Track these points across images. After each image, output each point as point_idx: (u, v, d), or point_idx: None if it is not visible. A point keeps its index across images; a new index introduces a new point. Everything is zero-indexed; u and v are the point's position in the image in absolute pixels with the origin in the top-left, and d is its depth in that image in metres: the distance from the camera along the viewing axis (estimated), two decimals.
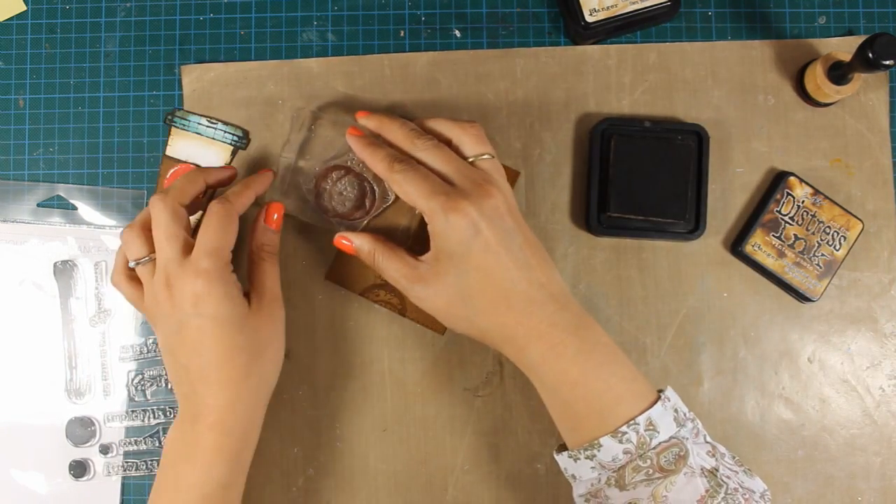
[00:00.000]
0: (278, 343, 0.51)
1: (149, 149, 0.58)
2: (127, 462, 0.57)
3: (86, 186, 0.58)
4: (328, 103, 0.58)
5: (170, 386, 0.57)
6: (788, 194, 0.56)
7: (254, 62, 0.58)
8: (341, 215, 0.55)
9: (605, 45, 0.58)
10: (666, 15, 0.56)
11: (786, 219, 0.56)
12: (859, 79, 0.55)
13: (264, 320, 0.50)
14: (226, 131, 0.57)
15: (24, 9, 0.59)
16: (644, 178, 0.56)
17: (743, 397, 0.57)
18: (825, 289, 0.56)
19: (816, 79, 0.55)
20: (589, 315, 0.48)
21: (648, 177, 0.56)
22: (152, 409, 0.57)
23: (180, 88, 0.58)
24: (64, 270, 0.58)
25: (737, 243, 0.57)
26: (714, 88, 0.58)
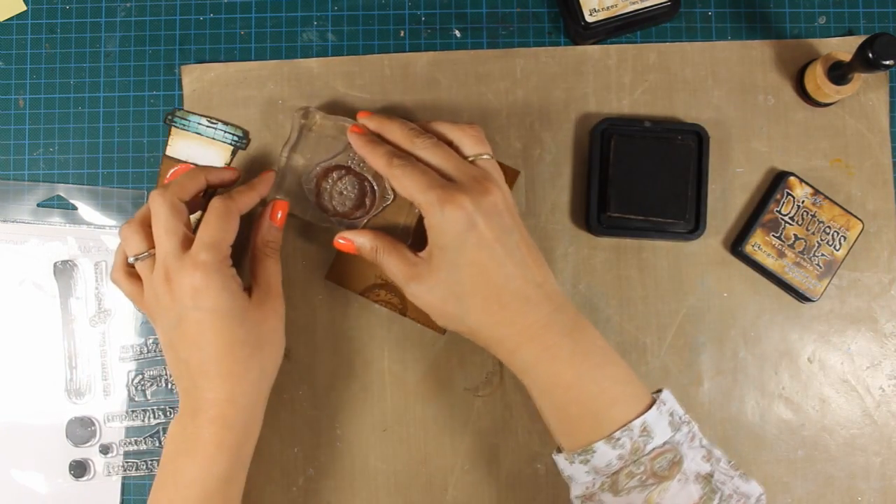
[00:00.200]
0: (279, 337, 0.51)
1: (149, 149, 0.58)
2: (127, 462, 0.57)
3: (86, 186, 0.58)
4: (329, 103, 0.58)
5: (170, 386, 0.57)
6: (788, 194, 0.56)
7: (254, 62, 0.58)
8: (341, 214, 0.55)
9: (605, 45, 0.58)
10: (666, 15, 0.56)
11: (786, 219, 0.56)
12: (859, 79, 0.55)
13: (266, 314, 0.50)
14: (226, 131, 0.57)
15: (24, 9, 0.59)
16: (644, 178, 0.56)
17: (743, 397, 0.57)
18: (825, 289, 0.56)
19: (816, 79, 0.55)
20: (584, 317, 0.48)
21: (648, 177, 0.56)
22: (152, 409, 0.57)
23: (180, 88, 0.58)
24: (64, 270, 0.58)
25: (737, 243, 0.57)
26: (714, 88, 0.58)
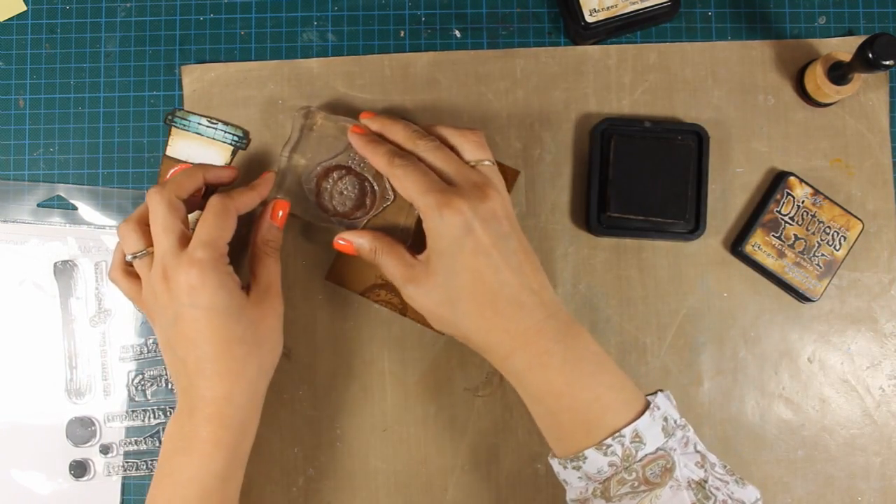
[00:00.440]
0: (277, 336, 0.51)
1: (149, 149, 0.58)
2: (127, 462, 0.57)
3: (86, 186, 0.58)
4: (329, 103, 0.58)
5: (170, 386, 0.57)
6: (788, 194, 0.56)
7: (254, 62, 0.58)
8: (342, 214, 0.55)
9: (605, 45, 0.58)
10: (666, 15, 0.56)
11: (786, 219, 0.56)
12: (859, 79, 0.55)
13: (264, 313, 0.50)
14: (226, 131, 0.57)
15: (24, 9, 0.59)
16: (644, 178, 0.56)
17: (743, 397, 0.57)
18: (825, 289, 0.56)
19: (816, 79, 0.55)
20: (579, 323, 0.48)
21: (648, 177, 0.56)
22: (152, 409, 0.57)
23: (180, 88, 0.58)
24: (64, 270, 0.58)
25: (737, 243, 0.57)
26: (714, 88, 0.58)
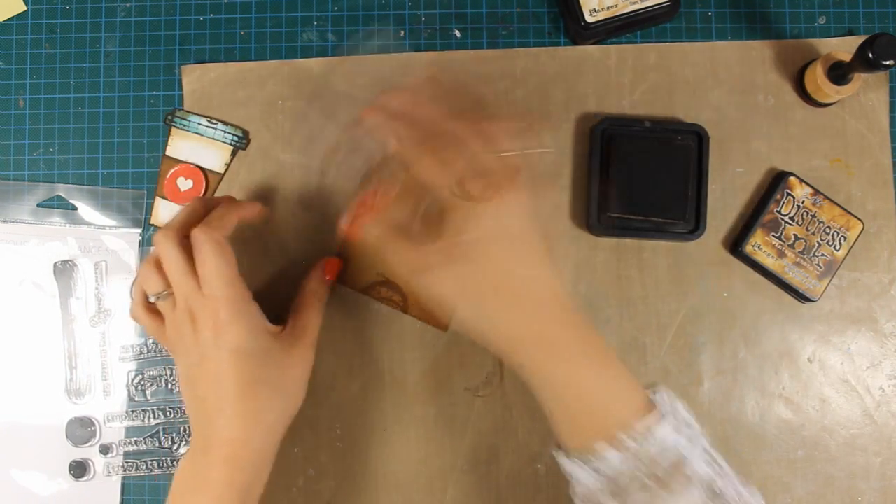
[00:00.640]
0: (301, 385, 0.51)
1: (149, 149, 0.58)
2: (127, 462, 0.57)
3: (86, 186, 0.58)
4: (329, 104, 0.58)
5: (170, 386, 0.57)
6: (788, 194, 0.56)
7: (254, 62, 0.58)
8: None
9: (605, 45, 0.58)
10: (666, 15, 0.56)
11: (786, 219, 0.56)
12: (859, 79, 0.55)
13: (293, 360, 0.50)
14: (226, 131, 0.57)
15: (24, 9, 0.59)
16: (644, 178, 0.56)
17: (743, 397, 0.57)
18: (825, 289, 0.56)
19: (816, 79, 0.55)
20: (588, 319, 0.48)
21: (648, 177, 0.56)
22: (152, 409, 0.57)
23: (180, 88, 0.58)
24: (64, 270, 0.58)
25: (737, 243, 0.57)
26: (714, 88, 0.58)
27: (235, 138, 0.58)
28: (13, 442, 0.57)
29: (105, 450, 0.57)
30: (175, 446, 0.57)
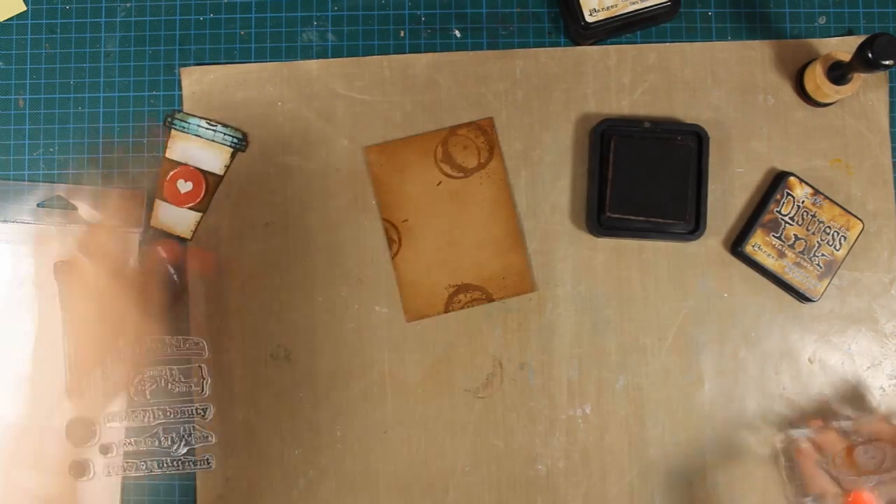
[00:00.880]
0: None
1: (149, 149, 0.58)
2: (127, 462, 0.57)
3: (86, 186, 0.58)
4: (329, 104, 0.58)
5: (170, 386, 0.57)
6: (788, 194, 0.56)
7: (253, 64, 0.58)
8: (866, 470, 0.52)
9: (604, 46, 0.58)
10: (666, 15, 0.56)
11: (786, 219, 0.56)
12: (859, 79, 0.55)
13: None
14: (225, 133, 0.57)
15: (24, 9, 0.59)
16: (644, 178, 0.56)
17: (744, 398, 0.57)
18: (825, 289, 0.56)
19: (816, 79, 0.55)
20: None
21: (648, 177, 0.56)
22: (152, 409, 0.57)
23: (180, 89, 0.58)
24: (64, 270, 0.58)
25: (737, 243, 0.57)
26: (714, 88, 0.58)
27: (235, 140, 0.57)
28: (13, 442, 0.57)
29: (105, 450, 0.57)
30: (175, 446, 0.57)
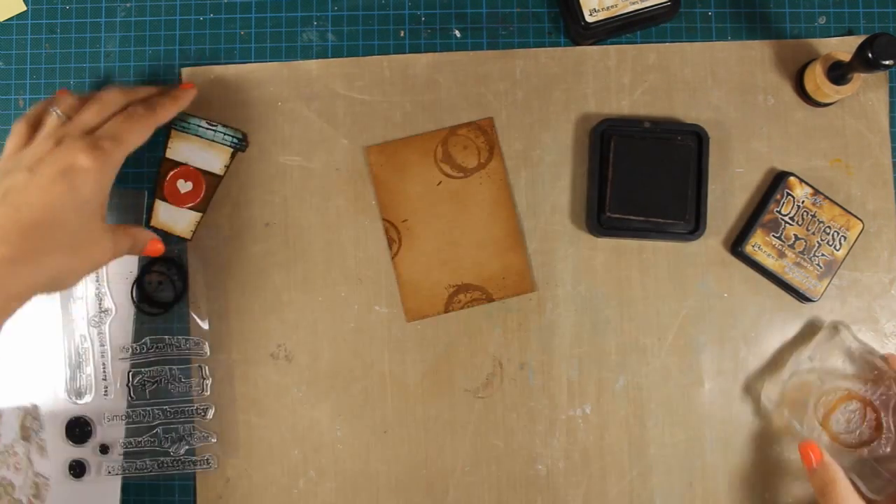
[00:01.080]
0: (78, 274, 0.49)
1: (149, 149, 0.58)
2: (127, 462, 0.57)
3: None
4: (329, 105, 0.58)
5: (170, 386, 0.57)
6: (788, 194, 0.56)
7: (254, 64, 0.58)
8: (841, 442, 0.53)
9: (604, 46, 0.58)
10: (666, 15, 0.56)
11: (786, 219, 0.56)
12: (859, 79, 0.55)
13: (101, 248, 0.49)
14: (225, 133, 0.57)
15: (24, 9, 0.59)
16: (644, 178, 0.56)
17: (743, 398, 0.57)
18: (825, 289, 0.56)
19: (816, 79, 0.55)
20: None
21: (648, 177, 0.56)
22: (152, 409, 0.57)
23: None
24: None
25: (737, 243, 0.57)
26: (714, 88, 0.58)
27: (235, 140, 0.57)
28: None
29: (104, 450, 0.57)
30: (175, 446, 0.57)
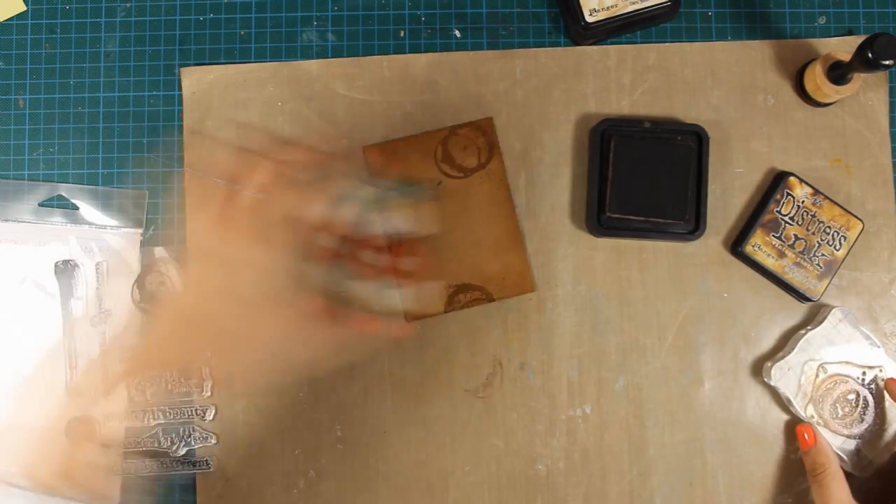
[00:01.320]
0: None
1: (149, 149, 0.58)
2: (127, 462, 0.57)
3: (87, 186, 0.58)
4: (329, 105, 0.58)
5: (170, 386, 0.57)
6: (788, 194, 0.56)
7: (253, 64, 0.58)
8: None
9: (604, 46, 0.58)
10: (666, 15, 0.56)
11: (786, 219, 0.56)
12: (859, 79, 0.55)
13: None
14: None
15: (24, 9, 0.59)
16: (644, 178, 0.56)
17: (743, 397, 0.57)
18: (825, 289, 0.56)
19: (816, 79, 0.55)
20: None
21: (648, 177, 0.56)
22: (152, 409, 0.57)
23: (180, 89, 0.58)
24: (65, 270, 0.58)
25: (737, 243, 0.57)
26: (714, 88, 0.58)
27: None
28: (13, 442, 0.57)
29: (105, 450, 0.57)
30: (175, 446, 0.57)
